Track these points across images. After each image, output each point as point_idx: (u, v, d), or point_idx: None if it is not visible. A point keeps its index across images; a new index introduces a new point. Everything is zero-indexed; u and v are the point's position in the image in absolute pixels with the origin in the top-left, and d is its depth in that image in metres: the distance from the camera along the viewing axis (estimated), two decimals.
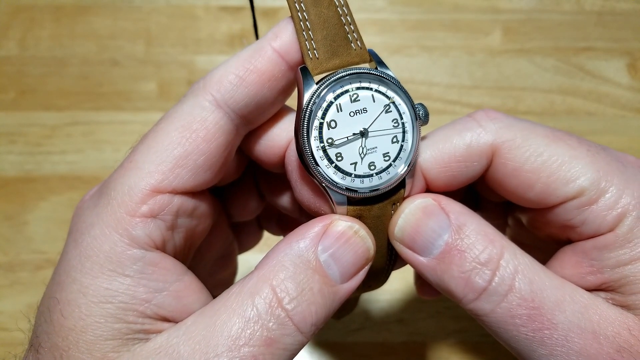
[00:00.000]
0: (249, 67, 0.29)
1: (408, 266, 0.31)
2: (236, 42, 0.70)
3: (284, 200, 0.40)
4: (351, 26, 0.30)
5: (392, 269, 0.34)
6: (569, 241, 0.30)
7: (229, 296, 0.27)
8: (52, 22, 0.72)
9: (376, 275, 0.33)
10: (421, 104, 0.30)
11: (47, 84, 0.69)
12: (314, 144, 0.28)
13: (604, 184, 0.27)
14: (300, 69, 0.29)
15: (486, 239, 0.28)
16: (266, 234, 0.50)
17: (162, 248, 0.29)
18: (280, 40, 0.29)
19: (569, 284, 0.28)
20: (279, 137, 0.32)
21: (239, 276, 0.48)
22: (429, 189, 0.32)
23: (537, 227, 0.33)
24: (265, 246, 0.60)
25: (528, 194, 0.29)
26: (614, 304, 0.27)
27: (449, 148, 0.30)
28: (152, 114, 0.68)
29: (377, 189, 0.29)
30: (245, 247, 0.45)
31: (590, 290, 0.28)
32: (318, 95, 0.28)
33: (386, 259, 0.32)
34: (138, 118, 0.67)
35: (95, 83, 0.69)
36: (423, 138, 0.31)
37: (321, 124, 0.28)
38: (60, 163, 0.65)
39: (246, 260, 0.58)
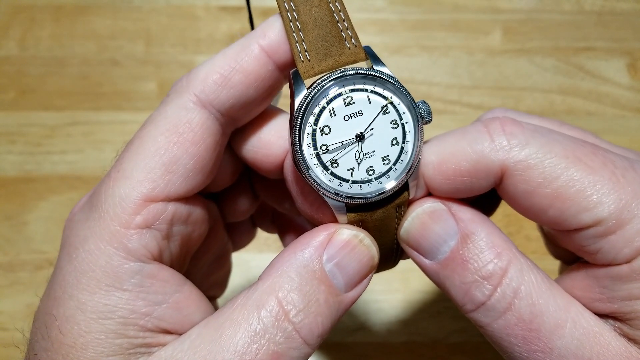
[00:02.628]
0: (234, 66, 0.28)
1: (407, 268, 0.31)
2: None
3: (283, 202, 0.39)
4: (345, 23, 0.28)
5: (399, 259, 0.33)
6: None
7: (233, 308, 0.26)
8: (52, 22, 0.72)
9: (382, 265, 0.33)
10: (423, 102, 0.28)
11: (47, 84, 0.68)
12: (307, 151, 0.27)
13: (625, 214, 0.25)
14: (292, 72, 0.28)
15: (493, 251, 0.27)
16: (265, 234, 0.49)
17: (158, 258, 0.28)
18: (268, 39, 0.28)
19: (575, 306, 0.26)
20: (277, 145, 0.31)
21: (236, 277, 0.48)
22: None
23: (553, 239, 0.32)
24: (265, 246, 0.60)
25: (540, 217, 0.27)
26: (620, 334, 0.26)
27: (454, 161, 0.27)
28: None
29: (383, 192, 0.28)
30: (239, 245, 0.44)
31: (599, 315, 0.27)
32: (309, 101, 0.27)
33: (392, 254, 0.32)
34: (138, 118, 0.67)
35: (95, 83, 0.69)
36: (428, 141, 0.29)
37: (314, 130, 0.27)
38: (60, 163, 0.65)
39: (245, 261, 0.59)
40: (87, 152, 0.65)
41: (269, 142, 0.31)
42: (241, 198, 0.39)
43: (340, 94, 0.28)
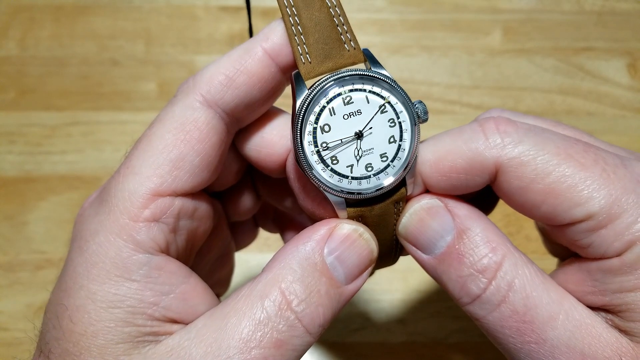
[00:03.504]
0: (238, 67, 0.29)
1: (407, 268, 0.31)
2: (236, 43, 0.70)
3: (284, 201, 0.40)
4: (344, 27, 0.30)
5: (399, 256, 0.34)
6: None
7: (238, 299, 0.27)
8: (52, 22, 0.72)
9: (382, 261, 0.33)
10: (419, 101, 0.29)
11: (47, 84, 0.69)
12: (308, 148, 0.28)
13: (615, 208, 0.26)
14: (294, 74, 0.29)
15: (489, 246, 0.27)
16: (265, 234, 0.50)
17: (166, 251, 0.29)
18: (270, 42, 0.29)
19: (568, 299, 0.27)
20: (279, 144, 0.32)
21: (237, 275, 0.48)
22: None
23: (547, 235, 0.33)
24: (265, 246, 0.60)
25: (533, 213, 0.28)
26: (612, 326, 0.27)
27: (450, 159, 0.28)
28: (152, 114, 0.67)
29: (381, 188, 0.29)
30: (241, 245, 0.45)
31: (592, 308, 0.27)
32: (310, 101, 0.28)
33: (392, 250, 0.32)
34: (138, 118, 0.67)
35: (95, 83, 0.69)
36: (425, 140, 0.30)
37: (315, 128, 0.28)
38: (60, 163, 0.65)
39: (245, 260, 0.59)
40: (87, 152, 0.65)
41: (271, 141, 0.32)
42: (244, 197, 0.40)
43: (339, 94, 0.29)
